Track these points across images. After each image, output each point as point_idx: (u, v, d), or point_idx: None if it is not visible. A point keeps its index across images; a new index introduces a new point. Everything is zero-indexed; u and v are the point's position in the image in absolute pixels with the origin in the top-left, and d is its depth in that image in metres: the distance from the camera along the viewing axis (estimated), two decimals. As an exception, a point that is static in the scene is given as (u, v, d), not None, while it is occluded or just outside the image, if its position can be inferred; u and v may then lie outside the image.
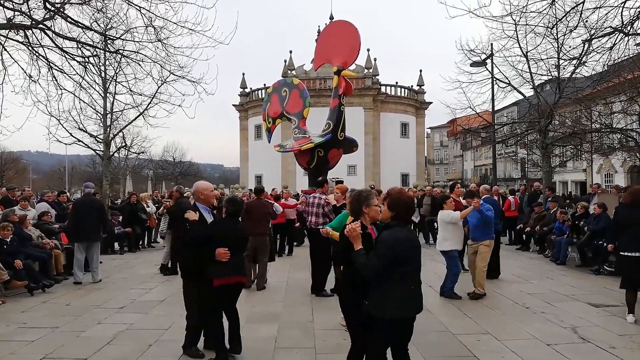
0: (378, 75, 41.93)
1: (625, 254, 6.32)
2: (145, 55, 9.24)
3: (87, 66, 8.82)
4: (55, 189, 16.71)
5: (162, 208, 11.42)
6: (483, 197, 8.47)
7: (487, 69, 16.91)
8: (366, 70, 41.16)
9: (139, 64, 9.40)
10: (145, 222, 14.37)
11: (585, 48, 10.91)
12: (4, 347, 5.41)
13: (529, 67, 15.87)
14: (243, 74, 46.31)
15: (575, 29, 9.89)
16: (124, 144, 16.91)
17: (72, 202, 12.04)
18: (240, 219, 5.52)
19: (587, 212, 11.13)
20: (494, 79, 16.88)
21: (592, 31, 9.46)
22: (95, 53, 8.88)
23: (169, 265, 10.02)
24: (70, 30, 8.36)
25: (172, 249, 9.04)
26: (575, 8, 8.84)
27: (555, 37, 13.08)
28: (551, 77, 16.17)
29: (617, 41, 8.96)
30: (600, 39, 9.47)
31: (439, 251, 7.98)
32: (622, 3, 8.15)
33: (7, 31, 7.68)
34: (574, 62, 12.98)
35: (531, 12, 9.44)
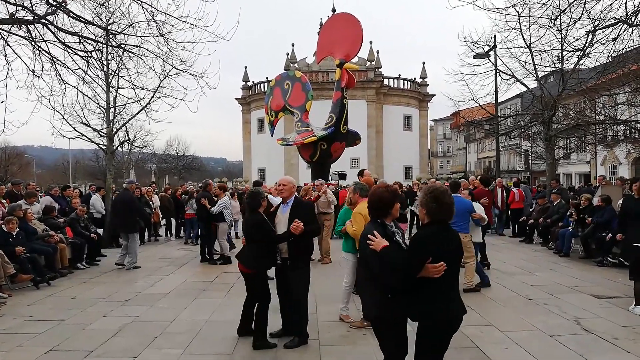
0: (381, 67, 41.79)
1: (638, 244, 6.32)
2: (147, 50, 9.26)
3: (90, 61, 8.80)
4: (60, 183, 16.78)
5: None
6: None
7: (490, 61, 16.81)
8: (369, 63, 41.02)
9: (141, 59, 9.42)
10: (150, 216, 14.42)
11: (589, 39, 10.84)
12: (10, 340, 5.47)
13: (533, 59, 15.74)
14: (245, 67, 46.24)
15: (579, 20, 9.82)
16: (127, 138, 16.92)
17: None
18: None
19: (590, 204, 11.11)
20: (497, 71, 16.79)
21: (596, 22, 9.39)
22: (97, 47, 8.85)
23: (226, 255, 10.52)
24: (73, 25, 8.35)
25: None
26: (579, -1, 8.78)
27: (559, 28, 12.97)
28: (555, 68, 16.04)
29: (621, 32, 8.90)
30: (604, 30, 9.40)
31: None
32: (626, -7, 8.10)
33: (9, 26, 7.68)
34: (578, 53, 12.90)
35: (534, 3, 9.39)
